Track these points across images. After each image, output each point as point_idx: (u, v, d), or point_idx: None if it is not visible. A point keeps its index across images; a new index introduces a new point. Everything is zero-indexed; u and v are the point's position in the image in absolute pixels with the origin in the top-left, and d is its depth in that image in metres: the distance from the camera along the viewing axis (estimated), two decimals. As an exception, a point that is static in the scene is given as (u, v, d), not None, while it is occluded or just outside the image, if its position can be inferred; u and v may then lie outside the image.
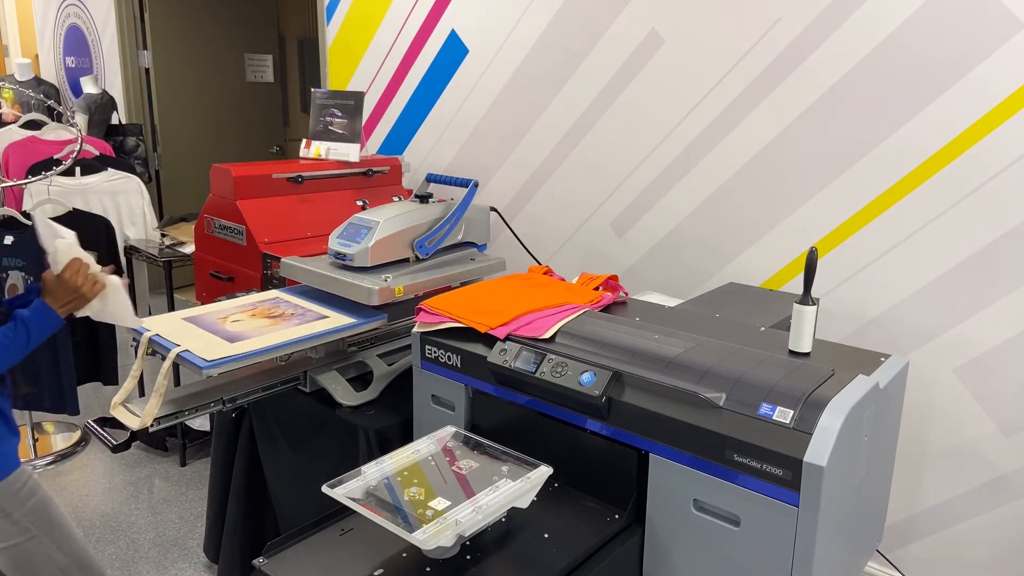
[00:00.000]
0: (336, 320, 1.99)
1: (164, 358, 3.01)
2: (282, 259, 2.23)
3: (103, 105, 4.89)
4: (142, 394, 3.39)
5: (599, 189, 2.76)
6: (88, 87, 4.90)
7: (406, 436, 1.95)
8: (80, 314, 1.59)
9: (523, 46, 2.86)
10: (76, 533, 1.70)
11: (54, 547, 1.63)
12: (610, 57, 2.63)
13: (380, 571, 1.31)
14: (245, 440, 2.23)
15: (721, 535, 1.39)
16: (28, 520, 1.60)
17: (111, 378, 3.27)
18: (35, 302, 1.53)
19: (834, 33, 2.15)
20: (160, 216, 5.04)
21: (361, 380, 2.12)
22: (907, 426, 2.20)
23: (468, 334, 1.74)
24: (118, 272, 3.33)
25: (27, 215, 3.00)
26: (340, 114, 2.97)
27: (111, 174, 3.80)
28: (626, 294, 2.03)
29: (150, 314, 3.90)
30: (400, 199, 2.47)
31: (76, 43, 5.60)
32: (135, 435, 3.33)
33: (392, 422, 1.96)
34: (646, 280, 2.70)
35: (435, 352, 1.79)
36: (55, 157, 3.60)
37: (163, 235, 3.28)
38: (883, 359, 1.59)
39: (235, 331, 1.87)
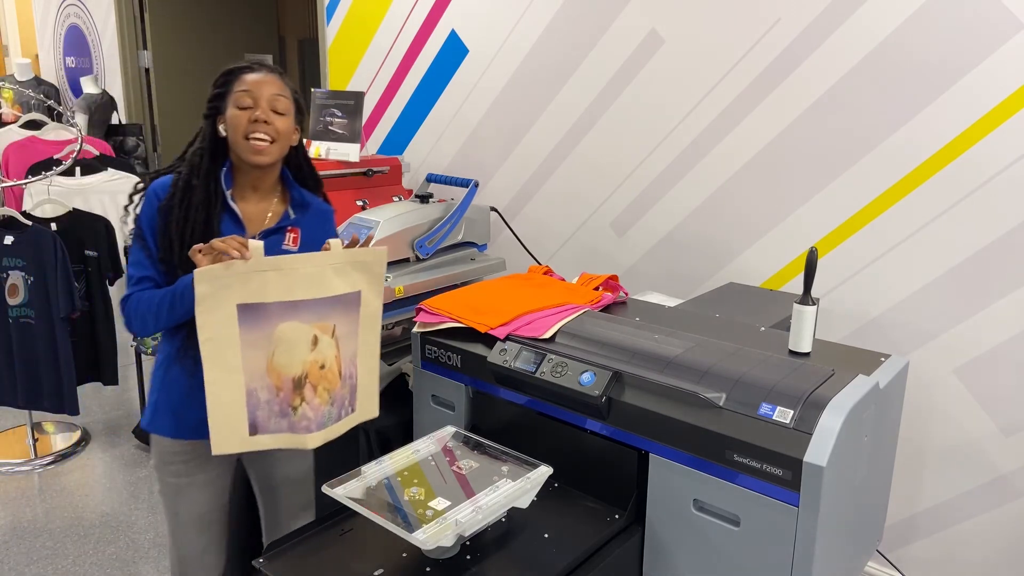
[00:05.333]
0: None
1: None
2: (282, 259, 2.22)
3: (103, 105, 4.89)
4: (142, 398, 3.39)
5: (599, 189, 2.76)
6: (88, 87, 4.90)
7: (406, 436, 1.95)
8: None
9: (523, 46, 2.86)
10: (185, 541, 1.68)
11: (168, 530, 1.69)
12: (610, 57, 2.63)
13: (380, 571, 1.31)
14: (245, 440, 2.22)
15: (721, 535, 1.39)
16: (162, 488, 1.66)
17: (111, 378, 3.27)
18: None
19: (834, 33, 2.15)
20: (160, 216, 5.02)
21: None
22: (907, 426, 2.19)
23: (468, 334, 1.74)
24: (118, 272, 3.33)
25: (27, 215, 3.00)
26: (340, 114, 2.97)
27: (111, 174, 3.80)
28: (626, 294, 2.03)
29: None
30: (400, 199, 2.47)
31: (76, 43, 5.60)
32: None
33: (392, 422, 1.96)
34: (646, 280, 2.70)
35: (435, 352, 1.79)
36: (55, 157, 3.60)
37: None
38: (883, 359, 1.59)
39: None
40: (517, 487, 1.38)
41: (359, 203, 2.57)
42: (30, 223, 2.95)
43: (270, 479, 1.73)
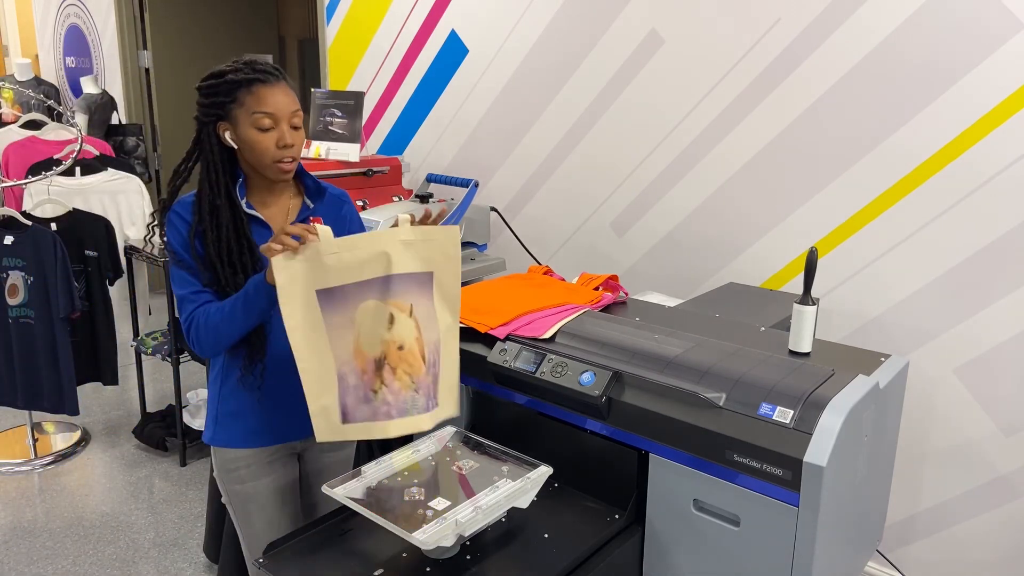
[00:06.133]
0: None
1: (164, 356, 3.00)
2: (282, 259, 2.22)
3: (103, 105, 4.89)
4: (142, 398, 3.39)
5: (599, 189, 2.76)
6: (88, 87, 4.90)
7: (406, 436, 1.94)
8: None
9: (523, 46, 2.86)
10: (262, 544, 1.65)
11: (242, 536, 1.67)
12: (610, 57, 2.63)
13: (380, 571, 1.31)
14: (245, 440, 2.22)
15: (721, 535, 1.39)
16: (228, 498, 1.64)
17: (111, 378, 3.27)
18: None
19: (834, 33, 2.15)
20: (160, 216, 5.03)
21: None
22: (907, 426, 2.19)
23: (468, 334, 1.74)
24: (117, 272, 3.33)
25: (27, 215, 3.00)
26: (340, 114, 2.97)
27: (111, 174, 3.80)
28: (626, 294, 2.03)
29: (150, 314, 3.90)
30: (400, 199, 2.47)
31: (76, 43, 5.60)
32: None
33: (392, 422, 1.96)
34: (646, 280, 2.70)
35: (435, 352, 1.79)
36: (55, 157, 3.60)
37: (162, 235, 3.28)
38: (883, 359, 1.59)
39: None
40: (517, 487, 1.38)
41: (359, 203, 2.57)
42: (30, 223, 2.95)
43: (316, 465, 1.73)
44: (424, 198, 2.47)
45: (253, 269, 1.50)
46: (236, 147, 1.49)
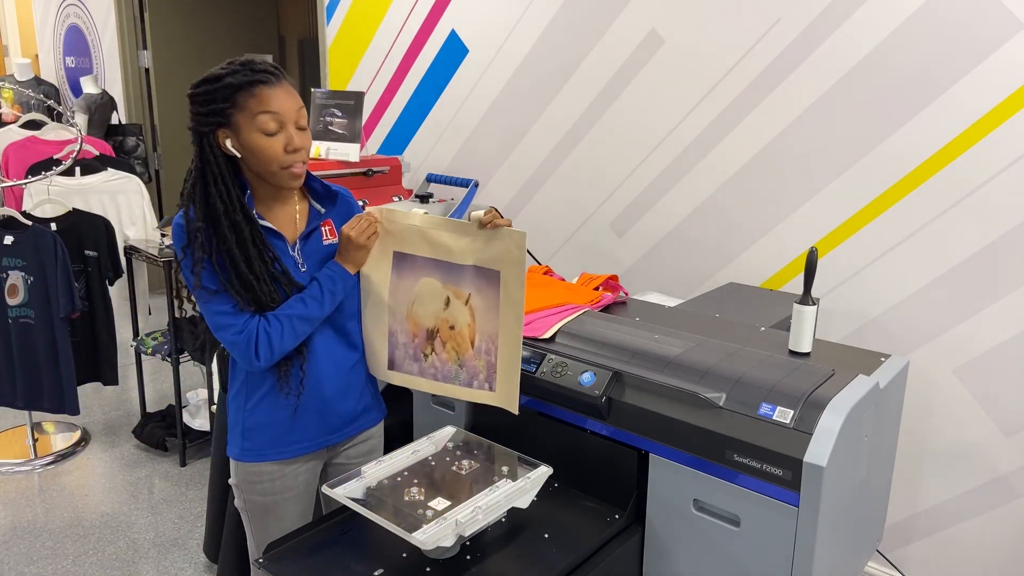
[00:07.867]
0: None
1: (164, 356, 3.00)
2: (282, 259, 2.22)
3: (103, 105, 4.89)
4: (142, 398, 3.39)
5: (599, 189, 2.76)
6: (88, 87, 4.90)
7: (406, 436, 1.95)
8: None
9: (523, 46, 2.86)
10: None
11: (253, 541, 1.65)
12: (610, 57, 2.63)
13: (380, 571, 1.31)
14: (245, 440, 2.22)
15: (721, 535, 1.39)
16: (246, 506, 1.62)
17: (111, 378, 3.27)
18: (329, 263, 1.54)
19: (834, 33, 2.15)
20: (160, 216, 5.05)
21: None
22: (907, 426, 2.19)
23: (468, 334, 1.74)
24: (117, 272, 3.32)
25: (27, 215, 3.00)
26: (340, 114, 2.97)
27: (111, 174, 3.80)
28: (626, 294, 2.03)
29: (150, 314, 3.90)
30: (400, 199, 2.47)
31: (76, 43, 5.60)
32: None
33: (392, 422, 1.96)
34: (646, 280, 2.70)
35: (435, 352, 1.79)
36: (55, 157, 3.60)
37: (163, 235, 3.28)
38: (883, 359, 1.59)
39: None
40: (517, 487, 1.38)
41: (359, 203, 2.57)
42: (30, 223, 2.95)
43: (345, 469, 1.67)
44: (424, 198, 2.47)
45: (286, 278, 1.46)
46: (239, 156, 1.42)
